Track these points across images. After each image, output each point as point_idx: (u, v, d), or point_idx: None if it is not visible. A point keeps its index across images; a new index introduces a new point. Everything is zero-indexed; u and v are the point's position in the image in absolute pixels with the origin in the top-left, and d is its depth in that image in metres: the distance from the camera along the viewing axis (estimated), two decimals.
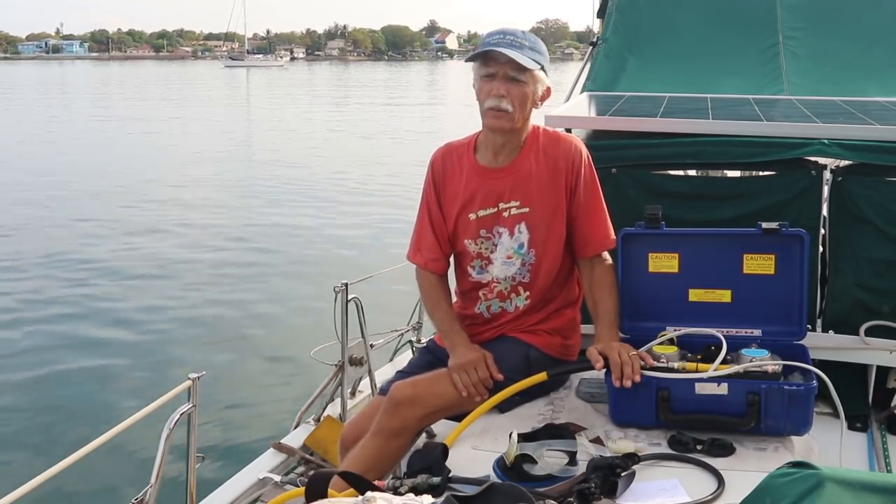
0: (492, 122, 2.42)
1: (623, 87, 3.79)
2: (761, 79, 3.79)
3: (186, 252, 10.91)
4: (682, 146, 2.84)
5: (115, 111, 34.53)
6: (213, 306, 8.64)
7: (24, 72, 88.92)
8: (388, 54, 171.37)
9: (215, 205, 14.20)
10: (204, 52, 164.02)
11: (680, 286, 2.55)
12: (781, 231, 2.43)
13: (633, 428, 2.27)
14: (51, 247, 11.15)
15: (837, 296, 2.79)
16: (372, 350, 3.67)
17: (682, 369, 2.29)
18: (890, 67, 3.79)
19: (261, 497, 3.02)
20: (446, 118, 29.43)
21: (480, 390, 2.39)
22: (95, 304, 8.69)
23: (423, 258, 2.62)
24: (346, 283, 3.43)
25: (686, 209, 2.80)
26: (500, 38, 2.38)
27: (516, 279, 2.54)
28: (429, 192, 2.61)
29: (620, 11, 4.11)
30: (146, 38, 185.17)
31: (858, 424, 2.75)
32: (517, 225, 2.50)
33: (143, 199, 14.55)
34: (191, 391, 2.50)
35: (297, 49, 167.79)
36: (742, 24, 4.02)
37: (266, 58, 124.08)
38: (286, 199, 14.77)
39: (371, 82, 64.58)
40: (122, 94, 48.26)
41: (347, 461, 2.41)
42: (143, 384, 6.45)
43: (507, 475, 2.00)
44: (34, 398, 6.36)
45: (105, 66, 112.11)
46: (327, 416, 3.50)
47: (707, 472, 2.03)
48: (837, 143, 2.68)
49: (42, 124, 28.44)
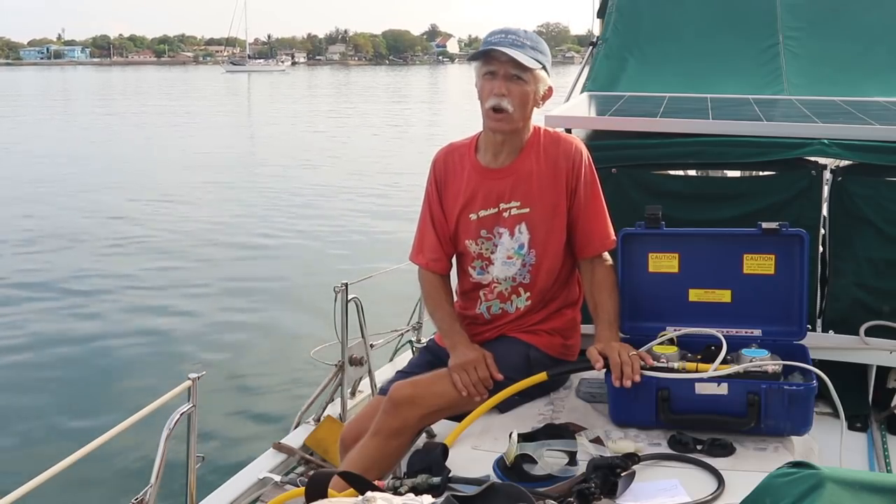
0: (492, 123, 2.42)
1: (623, 88, 3.79)
2: (761, 79, 3.79)
3: (186, 252, 10.92)
4: (682, 146, 2.84)
5: (117, 115, 34.57)
6: (214, 306, 8.65)
7: (25, 78, 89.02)
8: (389, 59, 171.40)
9: (216, 205, 14.22)
10: (205, 58, 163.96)
11: (680, 286, 2.54)
12: (781, 231, 2.43)
13: (633, 428, 2.27)
14: (51, 247, 11.18)
15: (837, 296, 2.78)
16: (372, 350, 3.67)
17: (682, 369, 2.29)
18: (890, 67, 3.79)
19: (261, 497, 3.02)
20: (447, 121, 29.44)
21: (480, 390, 2.39)
22: (95, 305, 8.70)
23: (425, 258, 2.62)
24: (346, 283, 3.43)
25: (686, 209, 2.80)
26: (501, 37, 2.39)
27: (517, 280, 2.54)
28: (431, 193, 2.61)
29: (620, 12, 4.12)
30: (147, 43, 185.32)
31: (858, 424, 2.74)
32: (517, 225, 2.50)
33: (144, 200, 14.58)
34: (191, 391, 2.51)
35: (299, 54, 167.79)
36: (742, 25, 4.02)
37: (267, 62, 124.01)
38: (286, 199, 14.79)
39: (372, 86, 64.61)
40: (123, 98, 48.33)
41: (347, 461, 2.40)
42: (143, 384, 6.45)
43: (507, 475, 2.00)
44: (34, 398, 6.37)
45: (106, 72, 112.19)
46: (327, 416, 3.50)
47: (707, 472, 2.03)
48: (837, 143, 2.68)
49: (43, 127, 28.48)
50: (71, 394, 6.46)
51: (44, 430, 5.77)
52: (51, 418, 5.98)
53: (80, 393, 6.47)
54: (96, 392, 6.48)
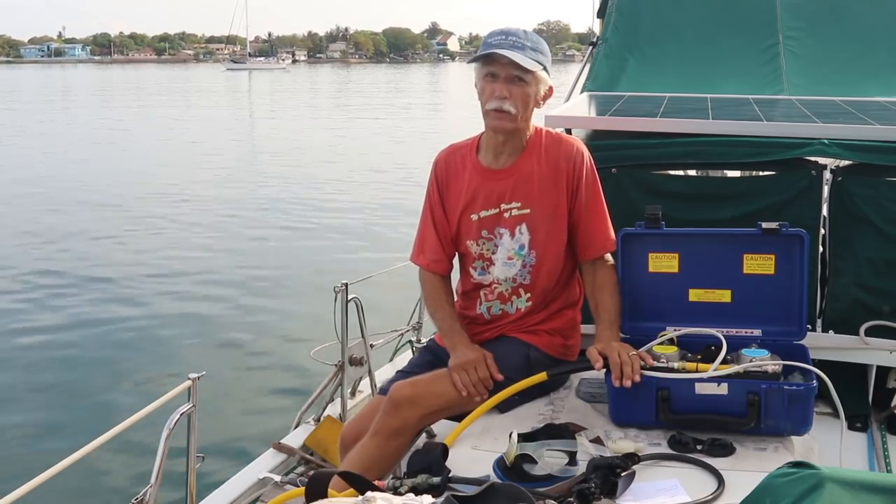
0: (494, 122, 2.42)
1: (623, 88, 3.79)
2: (761, 79, 3.79)
3: (186, 252, 10.90)
4: (682, 146, 2.84)
5: (118, 113, 34.55)
6: (214, 306, 8.64)
7: (26, 75, 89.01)
8: (389, 56, 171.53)
9: (216, 206, 14.19)
10: (206, 56, 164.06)
11: (680, 286, 2.54)
12: (781, 231, 2.43)
13: (633, 428, 2.27)
14: (51, 247, 11.17)
15: (837, 296, 2.78)
16: (372, 350, 3.67)
17: (682, 369, 2.29)
18: (890, 67, 3.79)
19: (261, 497, 3.02)
20: (448, 120, 29.44)
21: (480, 390, 2.39)
22: (95, 305, 8.69)
23: (426, 259, 2.62)
24: (346, 283, 3.43)
25: (686, 209, 2.80)
26: (502, 38, 2.38)
27: (517, 280, 2.54)
28: (432, 194, 2.61)
29: (620, 12, 4.11)
30: (148, 41, 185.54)
31: (858, 424, 2.74)
32: (518, 226, 2.50)
33: (144, 200, 14.55)
34: (191, 391, 2.51)
35: (299, 52, 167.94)
36: (742, 25, 4.02)
37: (268, 60, 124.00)
38: (287, 199, 14.77)
39: (373, 84, 64.58)
40: (123, 97, 48.30)
41: (347, 461, 2.41)
42: (143, 384, 6.45)
43: (507, 475, 2.00)
44: (34, 398, 6.36)
45: (107, 70, 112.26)
46: (327, 416, 3.50)
47: (707, 472, 2.03)
48: (837, 143, 2.68)
49: (44, 126, 28.47)
50: (71, 394, 6.45)
51: (44, 430, 5.76)
52: (51, 418, 5.97)
53: (80, 393, 6.47)
54: (96, 392, 6.47)
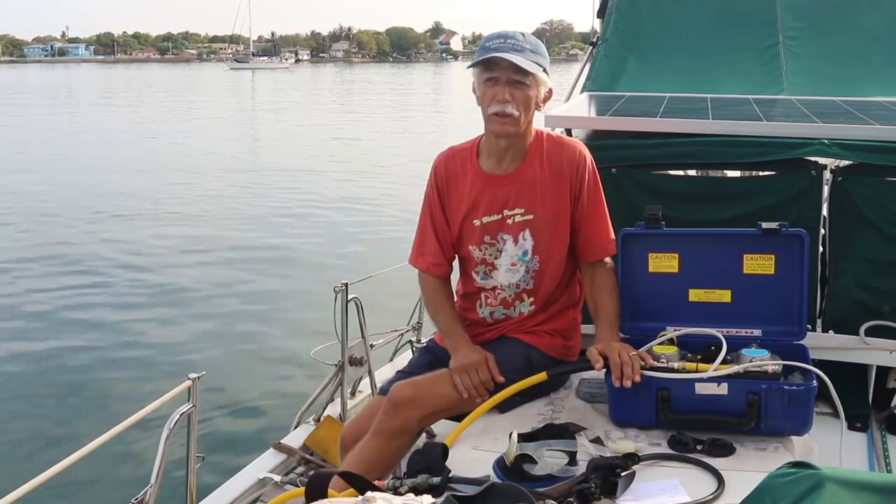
0: (497, 127, 2.40)
1: (623, 88, 3.79)
2: (761, 79, 3.79)
3: (187, 252, 10.91)
4: (682, 146, 2.84)
5: (122, 114, 34.57)
6: (214, 306, 8.65)
7: (29, 75, 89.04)
8: (392, 56, 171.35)
9: (216, 206, 14.21)
10: (209, 55, 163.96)
11: (680, 286, 2.54)
12: (781, 231, 2.42)
13: (633, 428, 2.27)
14: (51, 247, 11.18)
15: (837, 296, 2.78)
16: (372, 350, 3.67)
17: (682, 369, 2.29)
18: (890, 67, 3.79)
19: (261, 497, 3.02)
20: (451, 120, 29.42)
21: (481, 392, 2.38)
22: (95, 305, 8.70)
23: (426, 262, 2.62)
24: (346, 283, 3.43)
25: (686, 209, 2.80)
26: (500, 42, 2.36)
27: (520, 286, 2.54)
28: (432, 197, 2.60)
29: (620, 12, 4.11)
30: (151, 40, 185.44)
31: (858, 424, 2.75)
32: (521, 232, 2.50)
33: (144, 200, 14.56)
34: (191, 391, 2.51)
35: (302, 51, 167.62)
36: (742, 24, 4.02)
37: (271, 60, 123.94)
38: (287, 199, 14.78)
39: (376, 84, 64.56)
40: (126, 97, 48.31)
41: (347, 461, 2.40)
42: (143, 384, 6.45)
43: (507, 475, 2.00)
44: (34, 398, 6.37)
45: (110, 69, 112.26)
46: (327, 416, 3.50)
47: (707, 472, 2.03)
48: (837, 143, 2.68)
49: (47, 125, 28.49)
50: (71, 394, 6.46)
51: (44, 430, 5.76)
52: (50, 418, 5.98)
53: (80, 393, 6.47)
54: (96, 392, 6.48)
